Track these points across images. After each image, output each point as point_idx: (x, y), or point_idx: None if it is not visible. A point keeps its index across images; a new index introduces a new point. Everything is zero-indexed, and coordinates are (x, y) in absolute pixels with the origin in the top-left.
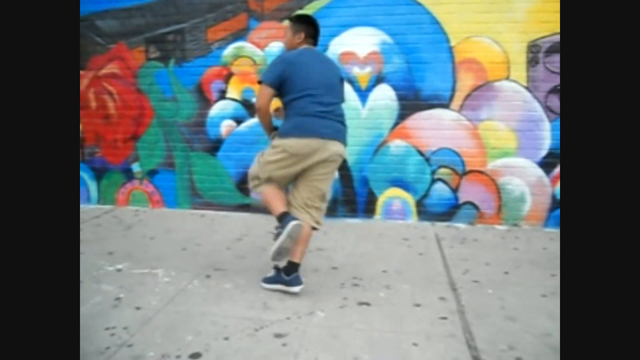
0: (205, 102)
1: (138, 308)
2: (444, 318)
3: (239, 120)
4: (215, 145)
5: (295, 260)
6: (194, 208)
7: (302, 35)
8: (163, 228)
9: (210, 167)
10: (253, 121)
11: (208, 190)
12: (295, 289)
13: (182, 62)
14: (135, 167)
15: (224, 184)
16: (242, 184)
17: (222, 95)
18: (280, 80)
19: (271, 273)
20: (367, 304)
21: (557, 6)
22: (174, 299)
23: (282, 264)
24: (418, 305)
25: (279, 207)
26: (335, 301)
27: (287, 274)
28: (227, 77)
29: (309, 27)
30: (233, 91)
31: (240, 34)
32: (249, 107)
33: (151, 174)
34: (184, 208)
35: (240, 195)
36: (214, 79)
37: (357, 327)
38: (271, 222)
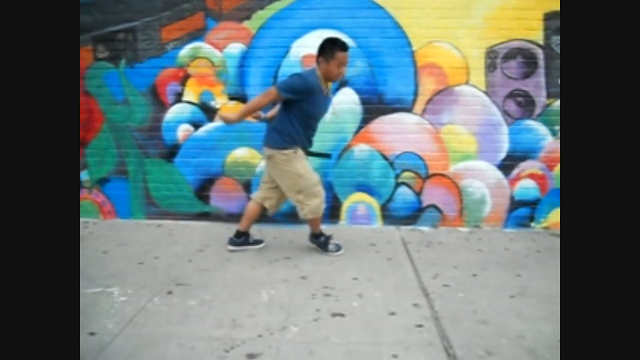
0: (160, 106)
1: (92, 333)
2: (420, 326)
3: (196, 125)
4: (171, 151)
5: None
6: (150, 218)
7: None
8: (116, 241)
9: (166, 174)
10: (212, 126)
11: (165, 198)
12: None
13: (134, 62)
14: (84, 175)
15: (182, 191)
16: (201, 192)
17: (178, 98)
18: None
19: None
20: (342, 314)
21: (513, 13)
22: (133, 321)
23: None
24: (393, 313)
25: None
26: (308, 314)
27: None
28: (184, 79)
29: None
30: (190, 94)
31: (197, 34)
32: (207, 111)
33: (101, 182)
34: (139, 218)
35: (200, 203)
36: (170, 81)
37: (334, 340)
38: (233, 231)
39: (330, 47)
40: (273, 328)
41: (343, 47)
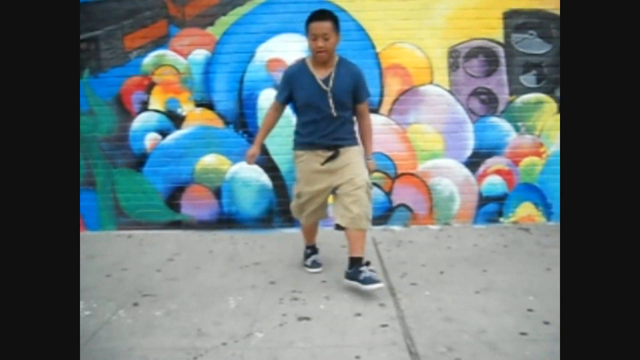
0: (126, 115)
1: None
2: (385, 325)
3: (164, 133)
4: (139, 161)
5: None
6: (120, 229)
7: None
8: (85, 254)
9: (135, 183)
10: (179, 133)
11: (134, 208)
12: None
13: (98, 72)
14: None
15: (152, 200)
16: (171, 200)
17: (144, 106)
18: None
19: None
20: (308, 318)
21: (474, 13)
22: (97, 335)
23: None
24: (359, 314)
25: None
26: (273, 319)
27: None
28: (149, 87)
29: None
30: (156, 102)
31: (160, 42)
32: (174, 119)
33: None
34: (109, 230)
35: (171, 211)
36: (135, 89)
37: (298, 345)
38: (204, 238)
39: (305, 23)
40: (238, 335)
41: (313, 16)
